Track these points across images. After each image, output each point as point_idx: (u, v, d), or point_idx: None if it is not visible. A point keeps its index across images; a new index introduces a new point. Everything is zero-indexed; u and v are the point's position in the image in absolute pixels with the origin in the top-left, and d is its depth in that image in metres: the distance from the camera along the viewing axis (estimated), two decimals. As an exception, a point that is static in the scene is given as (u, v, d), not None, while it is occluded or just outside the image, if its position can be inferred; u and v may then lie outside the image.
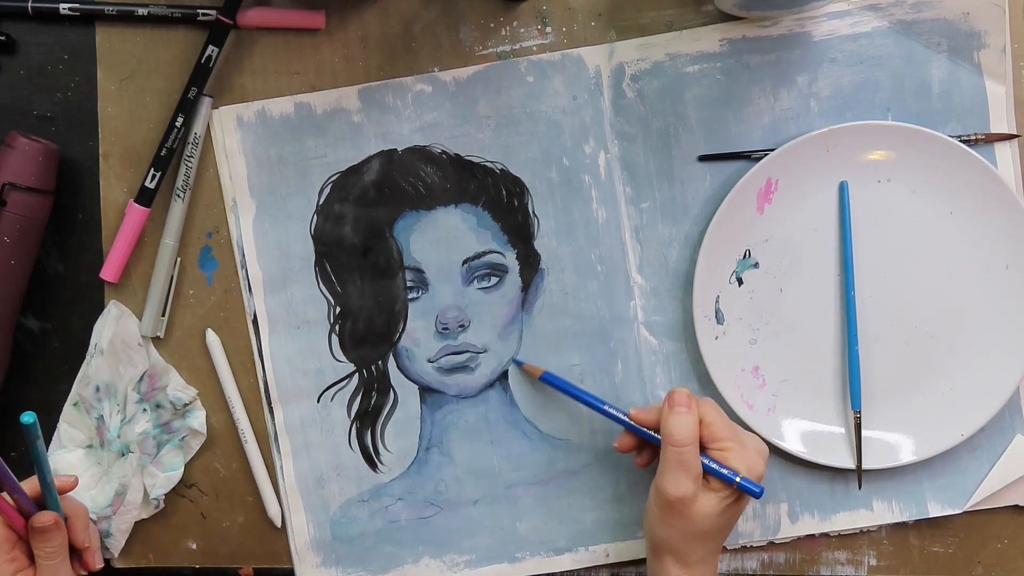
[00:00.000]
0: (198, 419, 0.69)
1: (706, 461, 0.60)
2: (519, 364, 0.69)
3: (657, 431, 0.63)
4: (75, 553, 0.64)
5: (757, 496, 0.60)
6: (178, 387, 0.69)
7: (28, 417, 0.55)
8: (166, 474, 0.69)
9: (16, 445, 0.71)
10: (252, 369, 0.70)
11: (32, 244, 0.67)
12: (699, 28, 0.68)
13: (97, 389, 0.69)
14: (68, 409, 0.69)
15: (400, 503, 0.71)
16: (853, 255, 0.67)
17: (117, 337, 0.68)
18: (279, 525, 0.70)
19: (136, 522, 0.70)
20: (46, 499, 0.60)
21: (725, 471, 0.60)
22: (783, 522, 0.70)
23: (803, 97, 0.68)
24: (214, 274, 0.70)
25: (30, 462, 0.70)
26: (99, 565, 0.66)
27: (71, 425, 0.69)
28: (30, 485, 0.61)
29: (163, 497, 0.69)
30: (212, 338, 0.70)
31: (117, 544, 0.69)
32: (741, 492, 0.60)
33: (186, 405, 0.69)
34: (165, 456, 0.69)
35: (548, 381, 0.68)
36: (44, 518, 0.60)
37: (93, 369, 0.68)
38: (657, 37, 0.68)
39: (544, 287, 0.70)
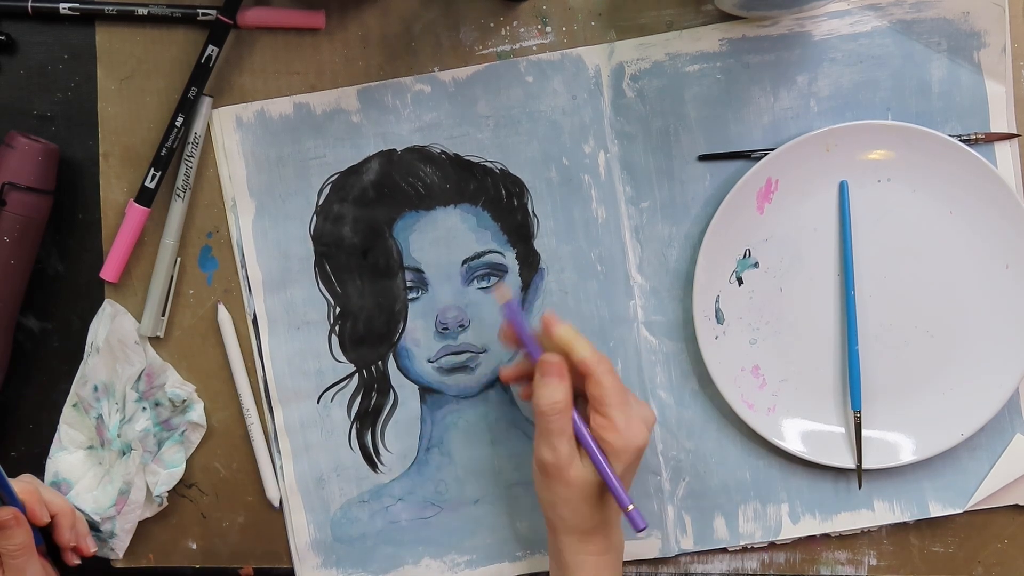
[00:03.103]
0: (196, 411, 0.69)
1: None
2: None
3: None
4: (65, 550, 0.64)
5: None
6: (176, 384, 0.69)
7: None
8: (168, 471, 0.69)
9: (16, 445, 0.71)
10: (252, 369, 0.70)
11: (32, 244, 0.67)
12: (699, 28, 0.68)
13: (95, 388, 0.69)
14: (68, 410, 0.69)
15: (400, 503, 0.71)
16: (853, 255, 0.67)
17: (113, 335, 0.68)
18: (277, 506, 0.70)
19: (136, 522, 0.70)
20: (2, 496, 0.60)
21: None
22: (784, 522, 0.70)
23: (803, 97, 0.68)
24: (214, 274, 0.70)
25: (29, 462, 0.71)
26: (93, 549, 0.66)
27: (71, 426, 0.69)
28: (20, 485, 0.61)
29: (166, 495, 0.69)
30: (224, 315, 0.70)
31: (122, 544, 0.69)
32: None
33: (184, 402, 0.69)
34: (166, 453, 0.69)
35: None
36: (2, 513, 0.59)
37: (90, 368, 0.68)
38: (657, 37, 0.68)
39: (544, 287, 0.70)
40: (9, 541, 0.60)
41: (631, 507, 0.57)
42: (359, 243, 0.69)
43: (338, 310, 0.70)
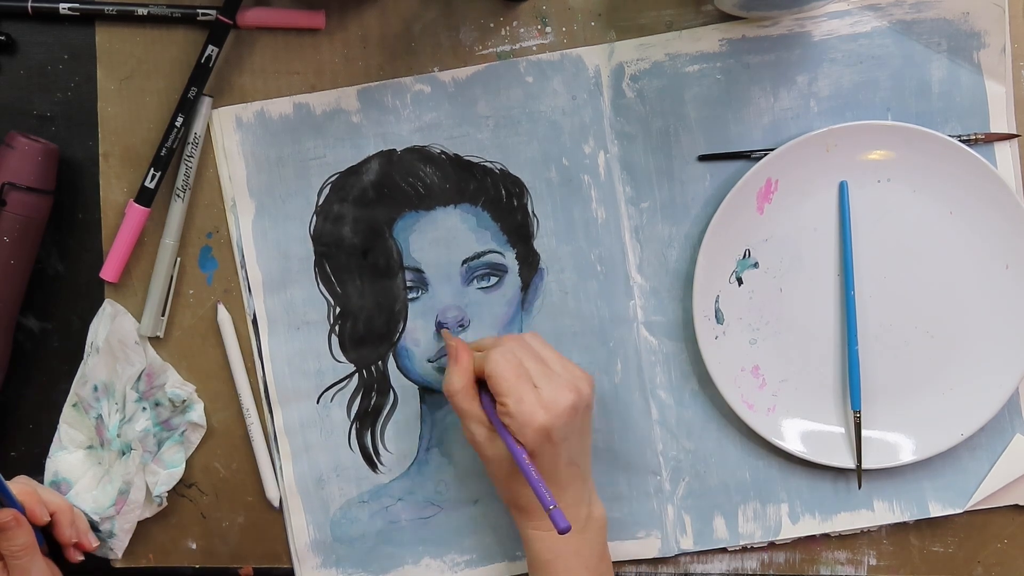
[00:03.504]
0: (196, 412, 0.69)
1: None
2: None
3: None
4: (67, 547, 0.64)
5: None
6: (176, 384, 0.69)
7: None
8: (168, 471, 0.69)
9: (16, 445, 0.71)
10: (252, 370, 0.70)
11: (32, 244, 0.67)
12: (699, 28, 0.68)
13: (95, 388, 0.69)
14: (68, 410, 0.69)
15: (400, 503, 0.71)
16: (853, 255, 0.67)
17: (113, 335, 0.68)
18: (276, 506, 0.70)
19: (136, 522, 0.70)
20: (1, 498, 0.60)
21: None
22: (784, 522, 0.70)
23: (803, 97, 0.68)
24: (214, 274, 0.70)
25: (29, 462, 0.71)
26: (95, 543, 0.66)
27: (71, 426, 0.69)
28: (17, 487, 0.61)
29: (166, 495, 0.69)
30: (224, 315, 0.70)
31: (121, 544, 0.69)
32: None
33: (184, 402, 0.69)
34: (166, 453, 0.69)
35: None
36: (3, 515, 0.59)
37: (90, 368, 0.68)
38: (657, 37, 0.68)
39: (544, 287, 0.70)
40: (11, 542, 0.60)
41: (552, 508, 0.55)
42: (359, 243, 0.69)
43: (338, 310, 0.70)
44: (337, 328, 0.70)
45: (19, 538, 0.60)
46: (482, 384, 0.62)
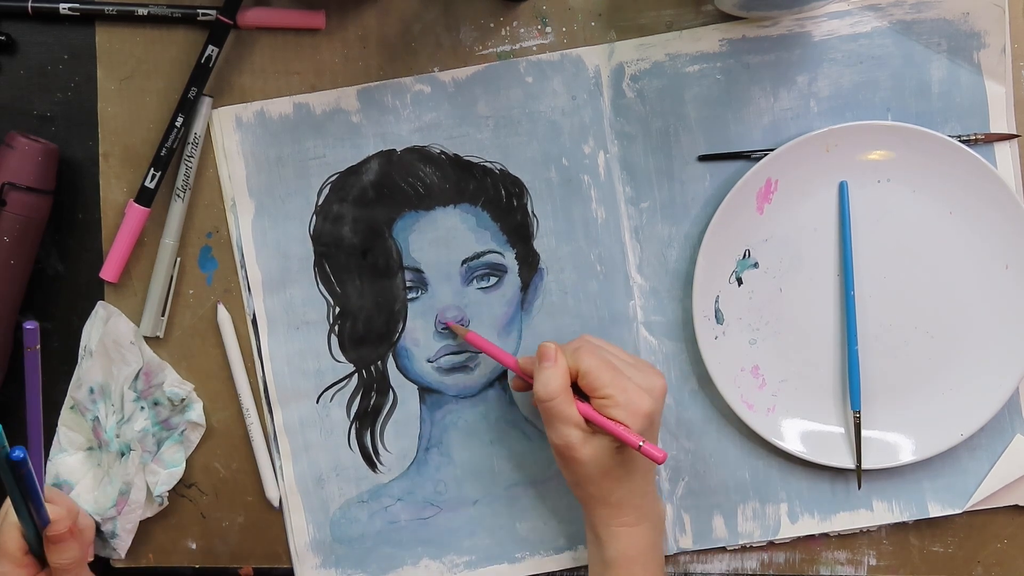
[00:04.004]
0: (196, 411, 0.69)
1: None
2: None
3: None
4: None
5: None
6: (174, 383, 0.69)
7: (20, 452, 0.53)
8: (168, 471, 0.69)
9: (15, 445, 0.71)
10: (252, 369, 0.70)
11: (32, 244, 0.67)
12: (699, 28, 0.68)
13: (91, 391, 0.69)
14: (65, 413, 0.69)
15: (400, 503, 0.71)
16: (853, 255, 0.67)
17: (107, 337, 0.68)
18: (276, 506, 0.70)
19: (138, 522, 0.70)
20: (39, 518, 0.59)
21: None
22: (783, 522, 0.70)
23: (803, 97, 0.68)
24: (214, 274, 0.70)
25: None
26: (90, 558, 0.66)
27: (69, 428, 0.69)
28: (58, 507, 0.61)
29: (167, 494, 0.69)
30: (223, 315, 0.70)
31: (123, 544, 0.69)
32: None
33: (183, 401, 0.69)
34: (166, 452, 0.69)
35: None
36: (57, 527, 0.59)
37: (84, 371, 0.68)
38: (657, 37, 0.68)
39: (543, 287, 0.70)
40: (63, 555, 0.60)
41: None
42: (359, 243, 0.69)
43: (338, 310, 0.70)
44: (337, 328, 0.70)
45: (70, 551, 0.60)
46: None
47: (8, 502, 0.59)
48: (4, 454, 0.54)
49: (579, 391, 0.61)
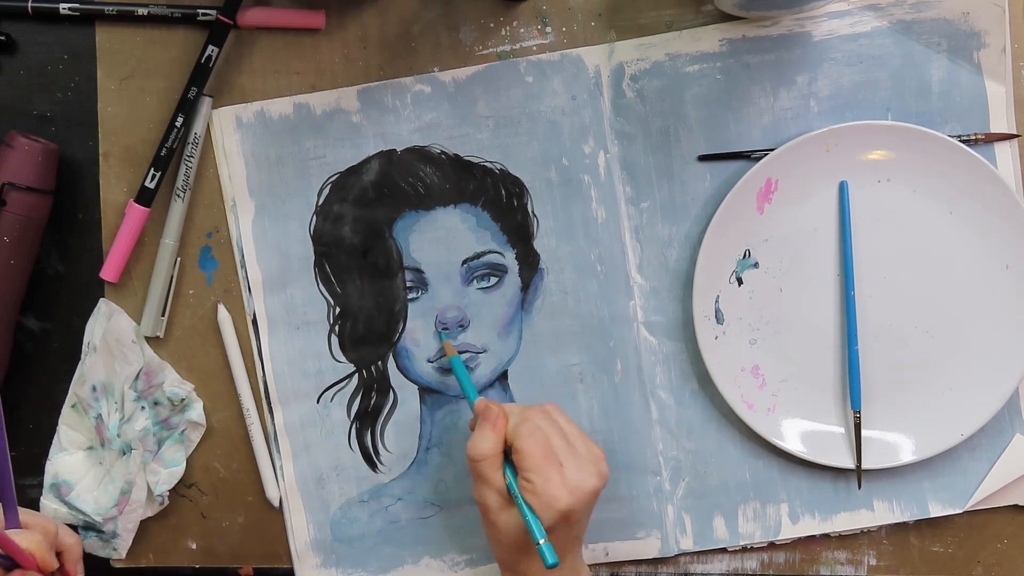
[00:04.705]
0: (196, 411, 0.70)
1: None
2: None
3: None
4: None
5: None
6: (175, 383, 0.69)
7: None
8: (169, 470, 0.69)
9: (15, 445, 0.71)
10: (252, 369, 0.70)
11: (32, 244, 0.67)
12: (699, 28, 0.68)
13: (94, 388, 0.69)
14: (67, 411, 0.69)
15: (400, 503, 0.71)
16: (853, 255, 0.67)
17: (110, 334, 0.68)
18: (276, 506, 0.70)
19: (139, 521, 0.70)
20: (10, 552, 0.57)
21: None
22: (784, 522, 0.70)
23: (803, 97, 0.68)
24: (214, 274, 0.70)
25: (29, 462, 0.70)
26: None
27: (70, 427, 0.69)
28: (30, 536, 0.58)
29: (167, 494, 0.69)
30: (224, 315, 0.70)
31: (125, 544, 0.69)
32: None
33: (183, 400, 0.69)
34: (166, 452, 0.69)
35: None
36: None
37: (88, 368, 0.68)
38: (657, 37, 0.68)
39: (544, 287, 0.70)
40: None
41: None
42: (359, 243, 0.69)
43: (338, 310, 0.70)
44: (337, 328, 0.70)
45: None
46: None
47: None
48: None
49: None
